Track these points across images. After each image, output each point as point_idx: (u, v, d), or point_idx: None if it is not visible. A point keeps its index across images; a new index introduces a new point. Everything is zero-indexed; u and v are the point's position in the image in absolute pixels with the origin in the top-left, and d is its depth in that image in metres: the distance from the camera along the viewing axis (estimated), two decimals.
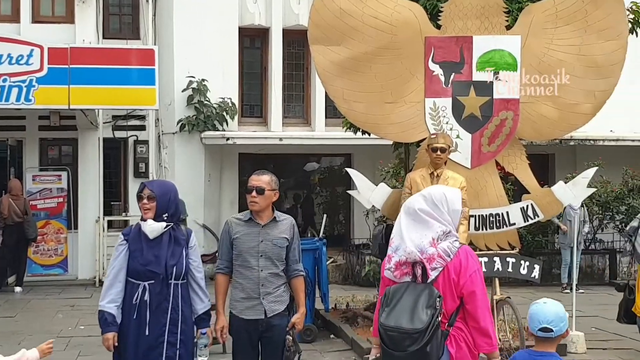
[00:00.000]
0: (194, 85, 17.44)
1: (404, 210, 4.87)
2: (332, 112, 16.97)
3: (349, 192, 10.18)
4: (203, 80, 17.42)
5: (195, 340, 5.74)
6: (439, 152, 8.76)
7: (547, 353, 4.50)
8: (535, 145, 14.30)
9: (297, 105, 18.97)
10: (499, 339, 7.98)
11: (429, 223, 4.74)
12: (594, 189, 11.07)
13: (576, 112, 9.57)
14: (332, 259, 16.52)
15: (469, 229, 8.95)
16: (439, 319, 4.60)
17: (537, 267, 9.35)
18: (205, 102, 17.45)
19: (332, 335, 11.17)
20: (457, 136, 9.46)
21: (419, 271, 4.70)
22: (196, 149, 17.61)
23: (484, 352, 4.79)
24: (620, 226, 17.47)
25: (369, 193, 9.51)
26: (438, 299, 4.59)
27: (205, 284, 5.90)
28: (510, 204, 9.73)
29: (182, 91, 17.47)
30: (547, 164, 19.35)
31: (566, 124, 9.77)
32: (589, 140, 17.79)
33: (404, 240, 4.74)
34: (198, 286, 5.80)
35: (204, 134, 17.36)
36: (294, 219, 6.33)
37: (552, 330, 4.44)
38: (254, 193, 6.01)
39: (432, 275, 4.67)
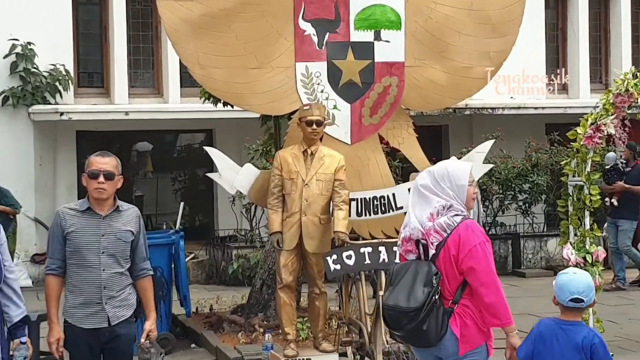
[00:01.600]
0: (18, 49, 17.03)
1: (413, 187, 5.67)
2: (188, 80, 16.83)
3: (209, 175, 10.15)
4: (29, 43, 17.02)
5: (12, 353, 5.66)
6: (314, 126, 8.84)
7: (576, 322, 5.25)
8: (427, 115, 14.60)
9: (145, 73, 18.78)
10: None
11: (428, 198, 5.45)
12: (492, 165, 11.39)
13: (469, 76, 9.82)
14: (192, 255, 16.48)
15: (349, 215, 9.07)
16: (436, 296, 5.26)
17: None
18: (33, 69, 17.07)
19: (193, 345, 11.19)
20: (334, 107, 9.58)
21: (421, 248, 5.43)
22: (23, 126, 17.23)
23: (494, 327, 5.40)
24: (523, 207, 17.92)
25: (232, 175, 9.48)
26: (435, 277, 5.28)
27: (19, 286, 5.81)
28: (397, 184, 9.92)
29: (4, 57, 17.04)
30: (439, 136, 19.75)
31: (457, 91, 10.03)
32: (487, 108, 18.22)
33: (410, 216, 5.51)
34: (11, 289, 5.69)
35: (32, 109, 16.99)
36: (145, 208, 6.33)
37: (582, 301, 5.20)
38: (101, 178, 5.96)
39: (431, 251, 5.37)
